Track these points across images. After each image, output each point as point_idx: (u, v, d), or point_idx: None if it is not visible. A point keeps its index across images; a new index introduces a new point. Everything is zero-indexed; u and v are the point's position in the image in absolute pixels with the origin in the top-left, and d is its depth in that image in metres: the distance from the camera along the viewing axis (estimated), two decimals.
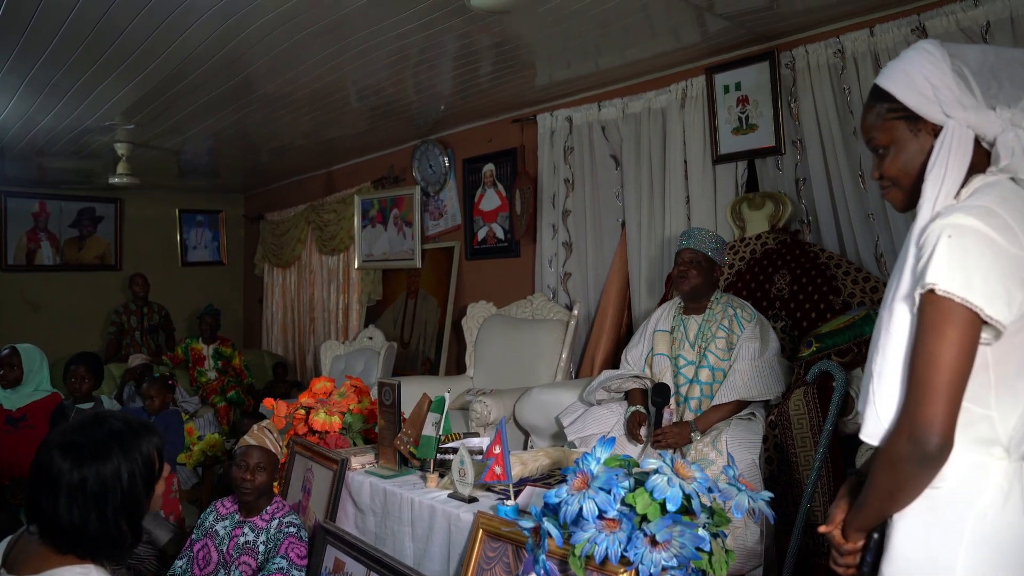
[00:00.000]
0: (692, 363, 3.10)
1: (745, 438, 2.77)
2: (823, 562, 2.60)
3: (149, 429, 1.51)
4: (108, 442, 1.42)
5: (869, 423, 1.27)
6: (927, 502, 1.23)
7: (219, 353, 6.20)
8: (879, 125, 1.34)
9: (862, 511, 1.31)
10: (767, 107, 3.62)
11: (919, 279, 1.19)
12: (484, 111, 4.96)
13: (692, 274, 3.08)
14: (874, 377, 1.27)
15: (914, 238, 1.23)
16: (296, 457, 2.94)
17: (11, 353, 3.56)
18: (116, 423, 1.47)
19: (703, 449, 2.81)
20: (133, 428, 1.48)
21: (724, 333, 3.05)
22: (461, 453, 2.20)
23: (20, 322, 6.94)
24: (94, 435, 1.43)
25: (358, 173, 6.41)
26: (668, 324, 3.24)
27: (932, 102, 1.26)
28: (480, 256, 5.29)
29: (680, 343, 3.14)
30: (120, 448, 1.42)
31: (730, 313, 3.08)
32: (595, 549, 1.54)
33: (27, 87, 3.95)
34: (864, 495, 1.30)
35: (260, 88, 4.21)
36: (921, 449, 1.17)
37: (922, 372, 1.18)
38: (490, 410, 3.68)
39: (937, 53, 1.27)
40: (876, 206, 3.28)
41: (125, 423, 1.48)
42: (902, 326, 1.23)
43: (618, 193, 4.35)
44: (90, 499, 1.38)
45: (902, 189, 1.35)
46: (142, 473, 1.45)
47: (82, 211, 7.51)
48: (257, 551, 2.47)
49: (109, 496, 1.39)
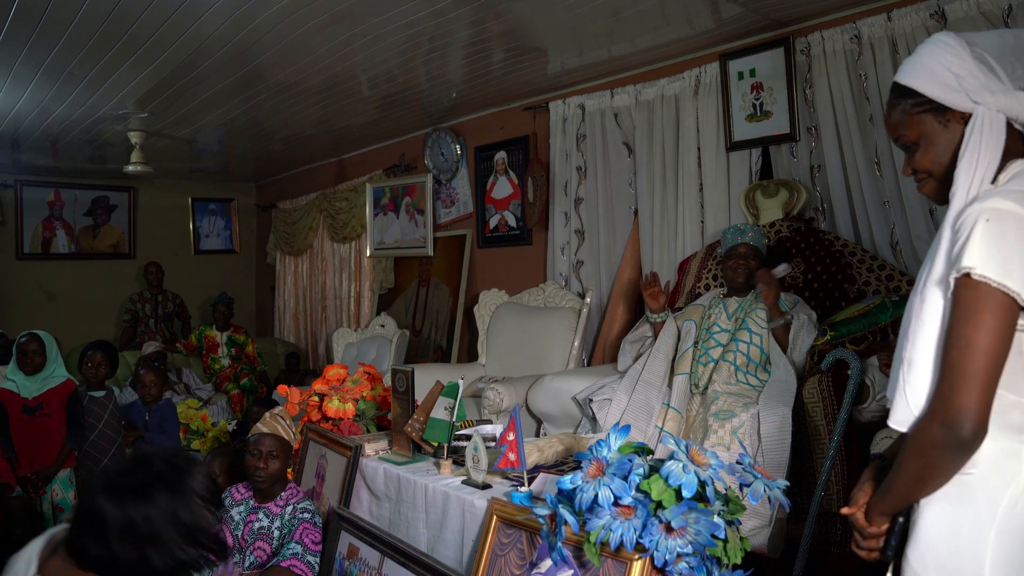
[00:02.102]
0: (727, 331, 3.15)
1: (779, 395, 2.78)
2: (836, 550, 2.60)
3: (192, 461, 1.53)
4: (150, 482, 1.43)
5: (899, 410, 1.26)
6: (957, 488, 1.22)
7: (233, 340, 6.23)
8: (906, 121, 1.33)
9: (888, 495, 1.30)
10: (782, 94, 3.59)
11: (954, 263, 1.18)
12: (496, 99, 4.94)
13: (752, 265, 3.17)
14: (904, 364, 1.26)
15: (949, 222, 1.22)
16: (310, 444, 2.96)
17: (33, 339, 3.58)
18: (159, 463, 1.48)
19: (731, 401, 2.88)
20: (176, 466, 1.49)
21: (764, 310, 3.11)
22: (475, 440, 2.21)
23: (36, 310, 7.00)
24: (136, 475, 1.44)
25: (370, 161, 6.40)
26: (706, 302, 3.32)
27: (957, 91, 1.25)
28: (492, 244, 5.29)
29: (717, 316, 3.22)
30: (165, 487, 1.43)
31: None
32: (610, 536, 1.54)
33: (42, 76, 3.96)
34: (891, 479, 1.29)
35: (271, 77, 4.21)
36: (955, 435, 1.16)
37: (956, 358, 1.16)
38: (502, 397, 3.69)
39: (954, 43, 1.26)
40: (892, 193, 3.26)
41: (168, 463, 1.49)
42: (935, 312, 1.22)
43: (631, 181, 4.34)
44: (142, 539, 1.39)
45: (938, 181, 1.33)
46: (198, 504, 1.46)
47: (96, 200, 7.55)
48: (272, 536, 2.49)
49: (163, 533, 1.40)
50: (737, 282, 3.21)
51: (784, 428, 2.66)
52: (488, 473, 2.20)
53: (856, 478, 2.53)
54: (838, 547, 2.58)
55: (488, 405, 3.70)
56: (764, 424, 2.69)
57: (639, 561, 1.57)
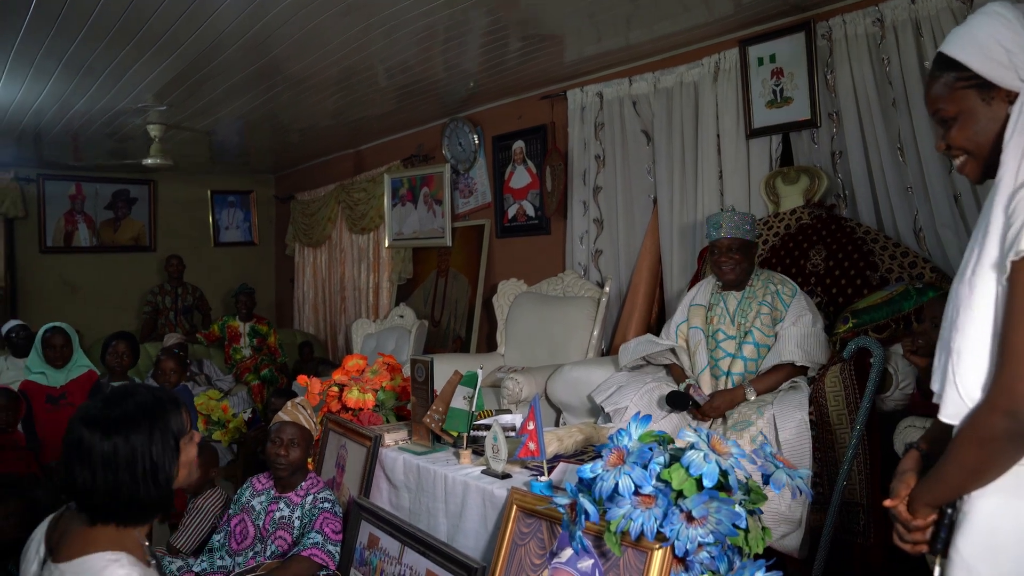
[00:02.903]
0: (733, 338, 3.06)
1: (794, 400, 2.74)
2: (859, 540, 2.57)
3: (174, 399, 1.56)
4: (136, 413, 1.47)
5: (950, 403, 1.22)
6: (1014, 479, 1.18)
7: (255, 331, 6.29)
8: (947, 96, 1.28)
9: (938, 487, 1.26)
10: (802, 79, 3.54)
11: (1011, 247, 1.13)
12: (513, 88, 4.92)
13: (736, 259, 3.03)
14: (953, 355, 1.22)
15: (1000, 206, 1.17)
16: (330, 434, 2.97)
17: (58, 333, 3.63)
18: (143, 395, 1.52)
19: (745, 411, 2.79)
20: (159, 399, 1.53)
21: (768, 309, 3.01)
22: (495, 429, 2.21)
23: (59, 303, 7.09)
24: (123, 407, 1.48)
25: (387, 152, 6.41)
26: (705, 299, 3.21)
27: (1007, 68, 1.20)
28: (510, 234, 5.28)
29: (720, 318, 3.11)
30: (147, 418, 1.47)
31: (772, 289, 3.03)
32: (631, 525, 1.53)
33: (63, 70, 3.99)
34: (942, 471, 1.25)
35: (287, 69, 4.22)
36: (1020, 424, 1.12)
37: (1019, 343, 1.12)
38: (521, 387, 3.68)
39: (1009, 15, 1.21)
40: (915, 179, 3.21)
41: (151, 394, 1.54)
42: (986, 298, 1.18)
43: (650, 169, 4.30)
44: (121, 466, 1.43)
45: (976, 160, 1.29)
46: (168, 441, 1.49)
47: (117, 193, 7.62)
48: (293, 526, 2.51)
49: (138, 462, 1.44)
50: (724, 278, 3.09)
51: (802, 433, 2.64)
52: (508, 463, 2.20)
53: (879, 467, 2.52)
54: (861, 537, 2.56)
55: (507, 395, 3.70)
56: (783, 431, 2.66)
57: (660, 550, 1.56)
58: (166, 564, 2.51)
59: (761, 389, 2.89)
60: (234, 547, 2.54)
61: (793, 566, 2.70)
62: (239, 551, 2.53)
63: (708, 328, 3.14)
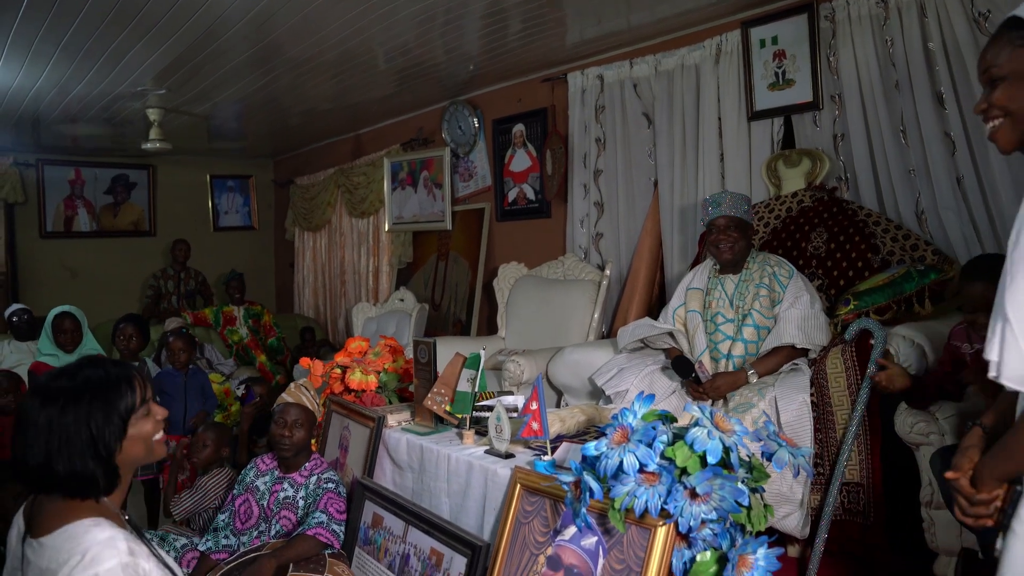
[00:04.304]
0: (732, 321, 3.07)
1: (795, 382, 2.74)
2: (859, 520, 2.59)
3: (127, 375, 1.52)
4: (79, 387, 1.44)
5: (1010, 366, 1.18)
6: None
7: (249, 312, 6.33)
8: (1005, 53, 1.26)
9: (1005, 460, 1.26)
10: (805, 61, 3.53)
11: None
12: (513, 71, 4.90)
13: (734, 237, 3.02)
14: (1011, 320, 1.19)
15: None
16: (333, 415, 2.98)
17: (67, 317, 3.63)
18: (91, 370, 1.49)
19: (747, 394, 2.79)
20: (108, 374, 1.49)
21: (766, 291, 3.01)
22: (498, 410, 2.22)
23: (60, 288, 7.08)
24: (67, 380, 1.45)
25: (387, 136, 6.39)
26: (703, 283, 3.21)
27: None
28: (511, 217, 5.27)
29: (719, 302, 3.12)
30: (89, 393, 1.44)
31: (768, 271, 3.04)
32: (635, 502, 1.54)
33: (61, 53, 3.97)
34: (1009, 445, 1.25)
35: (286, 52, 4.19)
36: None
37: None
38: (523, 369, 3.69)
39: None
40: (918, 162, 3.20)
41: (103, 369, 1.49)
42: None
43: (650, 152, 4.30)
44: (54, 440, 1.40)
45: (1016, 123, 1.27)
46: (112, 418, 1.46)
47: (116, 178, 7.60)
48: (297, 506, 2.53)
49: (74, 436, 1.41)
50: (722, 258, 3.07)
51: (804, 415, 2.64)
52: (511, 443, 2.21)
53: (879, 448, 2.53)
54: (862, 517, 2.57)
55: (509, 377, 3.71)
56: (784, 413, 2.67)
57: (664, 527, 1.58)
58: (171, 541, 2.53)
59: (762, 371, 2.90)
60: (239, 526, 2.56)
61: (795, 545, 2.72)
62: (243, 530, 2.55)
63: (706, 312, 3.15)
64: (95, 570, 1.31)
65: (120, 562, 1.34)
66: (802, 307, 2.91)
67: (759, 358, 2.95)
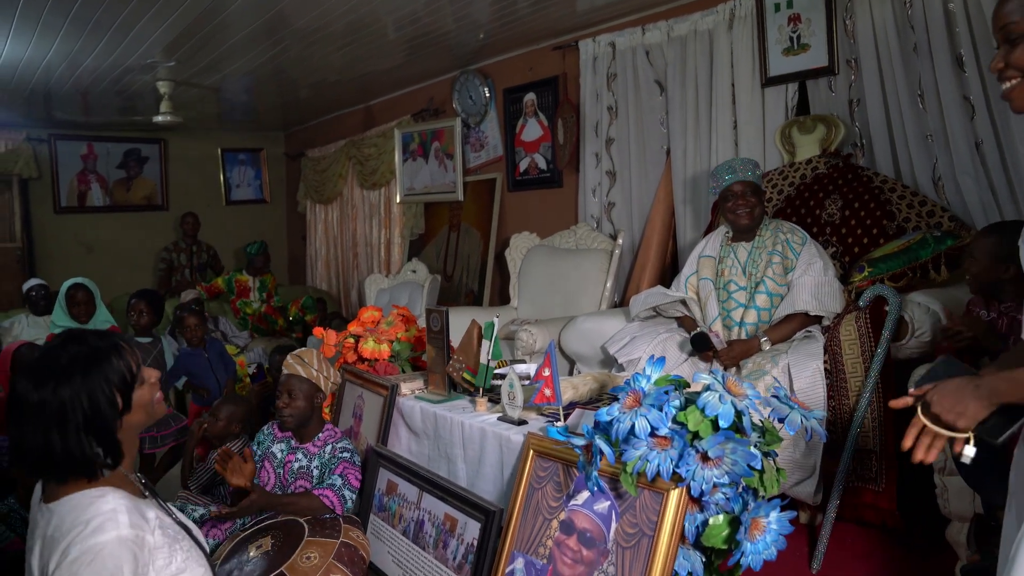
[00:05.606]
0: (744, 288, 3.06)
1: (809, 349, 2.74)
2: (871, 487, 2.60)
3: (117, 347, 1.48)
4: (68, 365, 1.41)
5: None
6: None
7: (264, 284, 6.39)
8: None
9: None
10: (820, 25, 3.47)
11: None
12: (524, 39, 4.85)
13: (752, 202, 3.03)
14: None
15: None
16: (347, 385, 3.00)
17: (80, 288, 3.66)
18: (79, 346, 1.45)
19: (760, 361, 2.79)
20: (98, 348, 1.46)
21: (779, 258, 3.00)
22: (511, 377, 2.22)
23: (75, 263, 7.14)
24: (56, 358, 1.42)
25: (397, 106, 6.36)
26: (715, 251, 3.20)
27: None
28: (522, 187, 5.25)
29: (731, 269, 3.11)
30: (80, 370, 1.41)
31: (782, 238, 3.02)
32: (647, 466, 1.55)
33: (70, 26, 3.96)
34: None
35: (295, 22, 4.16)
36: None
37: None
38: (535, 339, 3.70)
39: None
40: (936, 127, 3.15)
41: (90, 345, 1.46)
42: None
43: (663, 120, 4.25)
44: (50, 421, 1.38)
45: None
46: (107, 392, 1.43)
47: (128, 152, 7.63)
48: (311, 475, 2.56)
49: (70, 417, 1.39)
50: (741, 224, 3.07)
51: (817, 381, 2.64)
52: (523, 410, 2.22)
53: (892, 415, 2.53)
54: (874, 483, 2.58)
55: (521, 346, 3.72)
56: (797, 380, 2.66)
57: (676, 491, 1.59)
58: (188, 511, 2.57)
59: (776, 339, 2.89)
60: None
61: (807, 512, 2.74)
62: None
63: (719, 280, 3.14)
64: (93, 541, 1.32)
65: (118, 535, 1.34)
66: (815, 274, 2.90)
67: (772, 325, 2.94)
